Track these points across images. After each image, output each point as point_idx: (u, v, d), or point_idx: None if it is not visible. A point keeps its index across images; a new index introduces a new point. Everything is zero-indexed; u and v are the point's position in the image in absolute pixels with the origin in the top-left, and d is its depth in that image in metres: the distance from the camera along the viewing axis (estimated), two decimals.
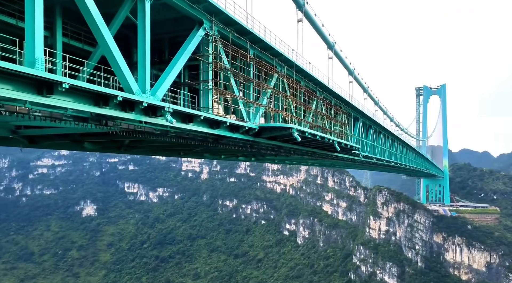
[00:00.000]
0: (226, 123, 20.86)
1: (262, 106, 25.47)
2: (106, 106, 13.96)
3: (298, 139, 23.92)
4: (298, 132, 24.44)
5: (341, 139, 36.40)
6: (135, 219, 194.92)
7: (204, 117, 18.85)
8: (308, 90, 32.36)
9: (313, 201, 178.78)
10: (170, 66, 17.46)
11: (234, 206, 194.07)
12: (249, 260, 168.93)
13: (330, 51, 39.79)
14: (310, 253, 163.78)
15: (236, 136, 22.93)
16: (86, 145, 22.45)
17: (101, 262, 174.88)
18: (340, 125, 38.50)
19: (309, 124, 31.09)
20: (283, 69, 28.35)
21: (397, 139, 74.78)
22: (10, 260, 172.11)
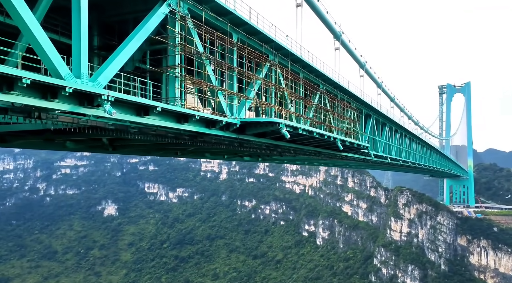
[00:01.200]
0: (195, 117, 17.93)
1: (248, 99, 22.68)
2: (11, 91, 11.13)
3: (286, 136, 21.14)
4: (289, 128, 21.91)
5: (349, 137, 34.52)
6: (155, 219, 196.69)
7: (163, 109, 15.88)
8: (308, 82, 29.69)
9: (333, 202, 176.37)
10: (119, 48, 14.55)
11: (253, 207, 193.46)
12: (268, 261, 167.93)
13: (337, 41, 37.35)
14: (330, 254, 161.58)
15: (212, 133, 20.46)
16: (68, 144, 21.13)
17: (122, 261, 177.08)
18: (348, 123, 36.15)
19: (310, 121, 28.96)
20: (276, 58, 25.60)
21: (416, 138, 72.11)
22: (34, 259, 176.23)
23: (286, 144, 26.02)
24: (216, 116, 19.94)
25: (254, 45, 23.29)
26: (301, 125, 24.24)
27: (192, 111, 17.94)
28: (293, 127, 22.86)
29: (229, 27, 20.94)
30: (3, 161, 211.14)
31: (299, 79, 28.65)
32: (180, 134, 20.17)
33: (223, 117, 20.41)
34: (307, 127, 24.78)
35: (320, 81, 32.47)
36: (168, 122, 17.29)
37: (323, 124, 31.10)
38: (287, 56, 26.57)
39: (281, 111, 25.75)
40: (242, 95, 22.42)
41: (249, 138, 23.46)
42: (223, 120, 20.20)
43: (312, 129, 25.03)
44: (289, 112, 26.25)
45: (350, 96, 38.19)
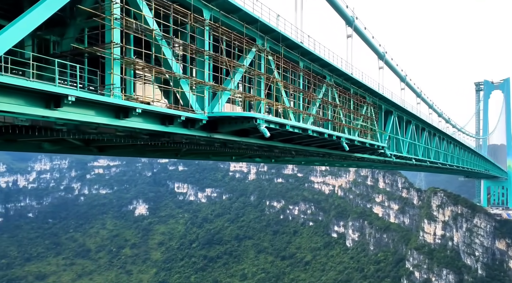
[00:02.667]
0: (135, 110, 14.68)
1: (226, 90, 19.56)
2: None
3: (266, 134, 17.97)
4: (274, 125, 19.03)
5: (365, 137, 32.19)
6: (184, 218, 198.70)
7: (81, 99, 12.60)
8: (309, 73, 26.48)
9: (363, 203, 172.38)
10: (20, 17, 11.48)
11: (281, 207, 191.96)
12: (296, 262, 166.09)
13: (349, 28, 36.60)
14: (360, 256, 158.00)
15: (169, 131, 17.19)
16: (45, 145, 19.87)
17: (152, 260, 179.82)
18: (363, 120, 33.32)
19: (314, 117, 26.20)
20: (265, 42, 22.03)
21: (447, 137, 68.26)
22: (69, 256, 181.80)
23: (280, 144, 23.71)
24: (170, 110, 16.50)
25: (234, 25, 20.10)
26: (289, 122, 20.63)
27: (128, 103, 14.41)
28: (279, 124, 19.72)
29: (196, 1, 17.75)
30: (41, 161, 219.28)
31: (297, 69, 25.40)
32: (135, 133, 17.24)
33: (184, 111, 17.17)
34: (299, 125, 21.66)
35: (326, 72, 29.25)
36: (96, 116, 13.99)
37: (331, 121, 28.44)
38: (279, 41, 23.23)
39: (275, 106, 22.94)
40: (218, 86, 19.31)
41: (226, 137, 20.59)
42: (180, 115, 16.84)
43: (307, 127, 21.96)
44: (285, 108, 23.33)
45: (365, 90, 35.01)
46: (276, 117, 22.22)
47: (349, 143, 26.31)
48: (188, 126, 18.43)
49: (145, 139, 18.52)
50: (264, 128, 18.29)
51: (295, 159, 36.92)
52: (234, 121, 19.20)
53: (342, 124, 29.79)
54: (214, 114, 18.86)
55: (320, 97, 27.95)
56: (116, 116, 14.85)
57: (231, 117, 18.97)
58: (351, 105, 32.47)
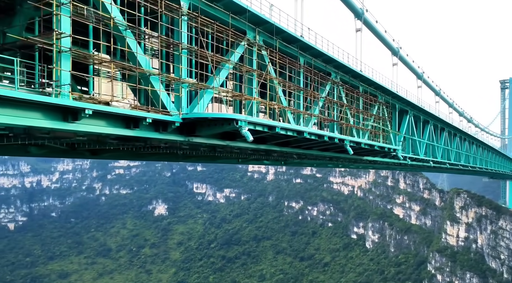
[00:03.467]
0: (84, 111, 12.76)
1: (209, 89, 17.61)
2: None
3: (248, 138, 16.13)
4: (261, 127, 17.15)
5: (377, 138, 30.65)
6: (203, 219, 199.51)
7: (20, 99, 11.03)
8: (309, 69, 24.61)
9: (383, 204, 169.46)
10: None
11: (300, 208, 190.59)
12: (315, 263, 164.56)
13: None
14: (380, 258, 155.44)
15: (133, 134, 15.25)
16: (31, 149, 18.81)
17: (171, 260, 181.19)
18: (374, 120, 31.48)
19: (316, 118, 24.70)
20: (256, 35, 19.87)
21: (469, 137, 65.80)
22: (91, 255, 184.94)
23: (276, 148, 22.43)
24: (129, 111, 14.31)
25: (218, 15, 18.15)
26: (279, 124, 18.71)
27: (78, 104, 12.58)
28: (268, 126, 17.81)
29: None
30: (63, 161, 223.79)
31: (294, 64, 23.36)
32: (102, 137, 15.74)
33: (155, 113, 15.27)
34: (292, 127, 19.83)
35: (331, 69, 27.26)
36: (42, 120, 12.23)
37: (336, 122, 26.67)
38: (274, 34, 21.02)
39: (269, 105, 21.23)
40: (198, 84, 17.19)
41: (208, 142, 18.82)
42: (145, 117, 14.79)
43: (301, 129, 20.14)
44: (282, 108, 21.75)
45: (377, 88, 32.87)
46: (269, 119, 20.86)
47: (354, 146, 24.83)
48: (160, 129, 16.49)
49: (114, 144, 17.12)
50: (247, 131, 16.39)
51: (305, 161, 35.74)
52: (213, 123, 17.20)
53: (350, 126, 28.07)
54: (188, 116, 16.73)
55: (324, 96, 26.10)
56: (64, 119, 13.03)
57: (210, 119, 16.99)
58: (360, 104, 30.63)
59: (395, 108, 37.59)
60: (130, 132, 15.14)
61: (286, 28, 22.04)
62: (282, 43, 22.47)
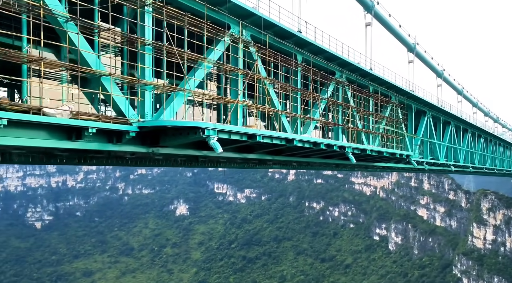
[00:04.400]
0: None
1: (179, 91, 15.54)
2: None
3: (217, 150, 14.04)
4: (235, 135, 15.29)
5: (388, 142, 28.69)
6: (223, 219, 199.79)
7: None
8: (308, 68, 22.35)
9: (406, 205, 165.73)
10: None
11: (321, 208, 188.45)
12: (336, 265, 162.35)
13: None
14: (403, 261, 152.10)
15: (75, 147, 13.29)
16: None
17: (193, 260, 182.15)
18: (387, 123, 29.33)
19: (317, 122, 22.72)
20: (240, 28, 17.78)
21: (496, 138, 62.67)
22: (114, 254, 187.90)
23: (268, 156, 21.24)
24: (58, 120, 11.90)
25: (192, 6, 16.02)
26: (261, 132, 16.72)
27: None
28: (247, 135, 15.87)
29: None
30: None
31: (290, 63, 21.01)
32: (50, 149, 14.11)
33: (105, 121, 13.14)
34: (278, 134, 17.61)
35: (335, 67, 25.08)
36: None
37: (342, 126, 24.63)
38: (260, 27, 18.49)
39: (258, 109, 19.35)
40: (164, 86, 15.05)
41: (176, 152, 16.92)
42: (88, 126, 12.58)
43: (291, 137, 18.15)
44: (275, 111, 19.81)
45: (389, 88, 30.49)
46: (261, 124, 19.21)
47: (359, 153, 23.24)
48: (114, 140, 14.25)
49: (64, 156, 15.72)
50: (215, 142, 14.17)
51: (306, 167, 34.29)
52: (178, 132, 14.93)
53: (357, 129, 25.88)
54: (145, 124, 14.50)
55: (326, 98, 23.85)
56: None
57: (174, 128, 14.65)
58: (370, 106, 28.35)
59: (411, 109, 35.35)
60: (71, 145, 13.02)
61: (278, 22, 19.74)
62: (274, 38, 20.40)
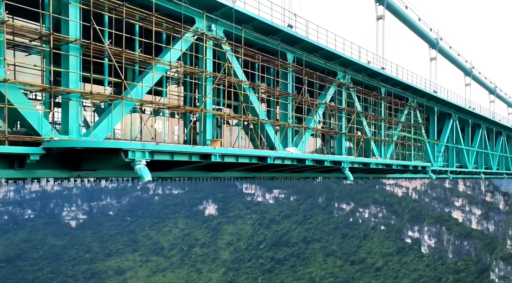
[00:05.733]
0: None
1: (119, 99, 13.07)
2: None
3: (143, 179, 11.76)
4: (168, 156, 12.62)
5: (404, 150, 26.07)
6: (252, 219, 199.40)
7: None
8: (300, 68, 19.86)
9: (440, 207, 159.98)
10: None
11: (350, 209, 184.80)
12: (366, 267, 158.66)
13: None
14: (437, 264, 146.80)
15: None
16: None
17: (221, 260, 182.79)
18: (403, 128, 26.79)
19: (313, 131, 20.52)
20: (204, 21, 15.57)
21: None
22: (145, 253, 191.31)
23: (248, 174, 20.02)
24: None
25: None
26: (218, 150, 13.92)
27: None
28: (200, 154, 13.24)
29: None
30: None
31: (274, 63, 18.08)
32: None
33: None
34: (244, 152, 15.31)
35: (335, 67, 22.28)
36: None
37: (344, 134, 22.24)
38: (233, 20, 16.30)
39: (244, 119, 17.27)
40: (90, 94, 12.52)
41: (107, 176, 15.04)
42: None
43: (264, 154, 15.53)
44: (256, 121, 17.61)
45: (405, 89, 27.62)
46: (213, 142, 15.92)
47: (361, 168, 21.32)
48: (15, 165, 11.89)
49: None
50: (142, 167, 11.75)
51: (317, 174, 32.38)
52: (102, 153, 12.41)
53: (363, 137, 23.37)
54: (52, 144, 11.86)
55: (324, 102, 21.26)
56: None
57: (91, 149, 12.11)
58: (382, 110, 25.64)
59: (433, 112, 32.30)
60: None
61: (257, 15, 17.20)
62: (255, 35, 18.02)
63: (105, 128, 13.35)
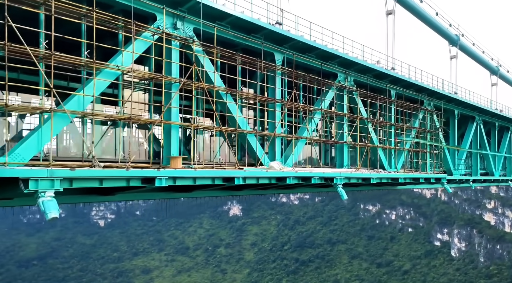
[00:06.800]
0: None
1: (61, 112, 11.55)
2: None
3: (47, 216, 9.80)
4: (65, 182, 10.38)
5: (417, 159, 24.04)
6: (276, 220, 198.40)
7: None
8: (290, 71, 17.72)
9: (471, 209, 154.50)
10: None
11: (377, 211, 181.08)
12: (393, 270, 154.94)
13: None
14: (468, 268, 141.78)
15: None
16: None
17: (245, 261, 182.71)
18: (417, 134, 24.59)
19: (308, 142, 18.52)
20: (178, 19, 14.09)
21: None
22: (170, 253, 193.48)
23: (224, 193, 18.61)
24: None
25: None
26: (135, 173, 11.67)
27: None
28: (125, 179, 11.27)
29: None
30: None
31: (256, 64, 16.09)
32: None
33: None
34: (180, 173, 12.95)
35: (334, 68, 19.94)
36: None
37: (346, 144, 19.58)
38: (198, 14, 14.34)
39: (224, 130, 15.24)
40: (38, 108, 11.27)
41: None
42: None
43: (207, 174, 13.39)
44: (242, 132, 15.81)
45: (419, 91, 25.16)
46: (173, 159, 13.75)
47: (361, 183, 19.26)
48: None
49: None
50: (48, 200, 9.67)
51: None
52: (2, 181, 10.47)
53: (368, 146, 20.72)
54: None
55: (321, 108, 18.97)
56: None
57: None
58: (393, 115, 23.05)
59: (453, 115, 29.75)
60: None
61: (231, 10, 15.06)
62: (229, 33, 16.01)
63: (33, 147, 11.40)
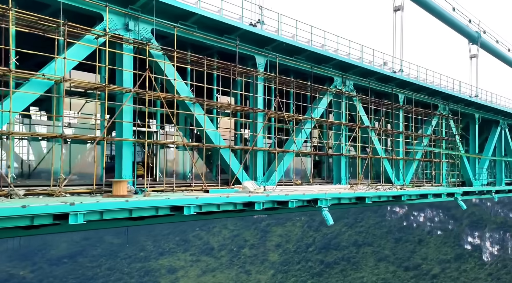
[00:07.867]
0: None
1: None
2: None
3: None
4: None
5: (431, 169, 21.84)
6: (301, 221, 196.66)
7: None
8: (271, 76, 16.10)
9: (504, 212, 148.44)
10: None
11: (404, 213, 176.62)
12: (421, 274, 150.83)
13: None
14: (501, 273, 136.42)
15: None
16: None
17: (270, 262, 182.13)
18: (430, 143, 22.68)
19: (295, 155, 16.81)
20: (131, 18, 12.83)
21: None
22: (195, 253, 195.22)
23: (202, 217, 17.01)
24: None
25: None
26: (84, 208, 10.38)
27: None
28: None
29: None
30: None
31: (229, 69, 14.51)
32: None
33: None
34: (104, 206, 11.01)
35: (329, 71, 17.83)
36: None
37: (342, 156, 17.76)
38: (157, 13, 12.99)
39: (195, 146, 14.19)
40: None
41: None
42: None
43: (148, 205, 11.88)
44: (210, 146, 14.40)
45: (432, 94, 23.00)
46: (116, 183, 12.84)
47: (355, 202, 17.20)
48: None
49: None
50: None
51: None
52: None
53: (370, 157, 19.01)
54: None
55: (311, 117, 17.19)
56: None
57: None
58: (401, 123, 21.12)
59: (473, 120, 27.72)
60: None
61: (195, 7, 13.62)
62: (196, 34, 14.25)
63: None
